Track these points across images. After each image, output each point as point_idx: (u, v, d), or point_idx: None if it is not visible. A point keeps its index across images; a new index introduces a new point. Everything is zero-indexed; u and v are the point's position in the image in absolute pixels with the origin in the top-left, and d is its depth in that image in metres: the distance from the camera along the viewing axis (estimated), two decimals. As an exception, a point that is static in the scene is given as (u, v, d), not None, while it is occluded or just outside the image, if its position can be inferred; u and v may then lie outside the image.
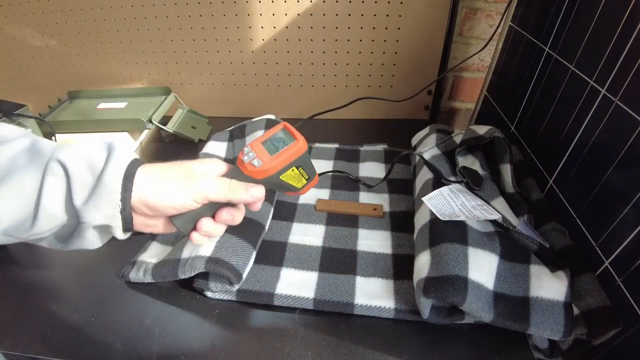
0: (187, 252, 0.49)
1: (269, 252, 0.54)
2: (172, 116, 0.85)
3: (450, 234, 0.46)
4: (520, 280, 0.43)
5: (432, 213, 0.49)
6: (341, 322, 0.46)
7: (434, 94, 0.88)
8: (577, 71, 0.48)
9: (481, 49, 0.75)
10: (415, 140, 0.74)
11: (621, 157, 0.39)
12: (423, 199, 0.52)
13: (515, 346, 0.43)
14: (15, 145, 0.31)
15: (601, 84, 0.43)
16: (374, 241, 0.56)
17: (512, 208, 0.52)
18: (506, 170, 0.56)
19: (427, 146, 0.65)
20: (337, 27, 0.81)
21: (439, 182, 0.55)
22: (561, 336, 0.39)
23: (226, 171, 0.39)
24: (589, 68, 0.45)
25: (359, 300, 0.47)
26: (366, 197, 0.64)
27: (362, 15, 0.79)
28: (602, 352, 0.40)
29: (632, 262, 0.37)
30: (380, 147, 0.78)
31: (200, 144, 0.83)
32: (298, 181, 0.41)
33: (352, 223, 0.59)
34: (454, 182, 0.55)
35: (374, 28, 0.80)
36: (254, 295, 0.48)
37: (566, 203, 0.48)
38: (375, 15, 0.78)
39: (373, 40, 0.82)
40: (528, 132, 0.60)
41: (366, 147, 0.78)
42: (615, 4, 0.42)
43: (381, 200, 0.63)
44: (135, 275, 0.50)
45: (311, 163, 0.41)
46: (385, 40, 0.82)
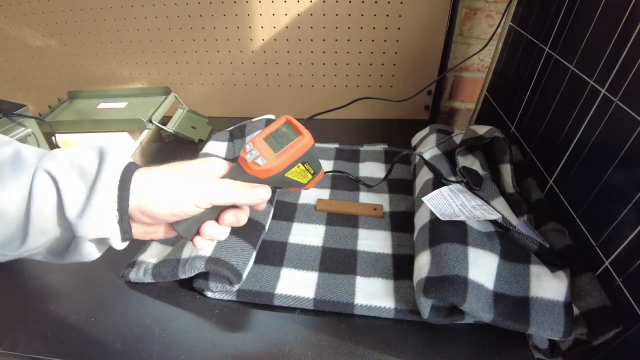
0: (187, 252, 0.49)
1: (269, 252, 0.54)
2: (172, 116, 0.85)
3: (450, 234, 0.46)
4: (520, 280, 0.43)
5: (432, 213, 0.49)
6: (341, 322, 0.46)
7: (434, 94, 0.88)
8: (577, 71, 0.48)
9: (481, 49, 0.75)
10: (415, 140, 0.74)
11: (621, 157, 0.39)
12: (423, 199, 0.52)
13: (515, 346, 0.43)
14: None
15: (601, 84, 0.43)
16: (374, 241, 0.56)
17: (512, 208, 0.52)
18: (506, 170, 0.56)
19: (427, 146, 0.65)
20: (337, 27, 0.81)
21: (439, 182, 0.55)
22: (561, 336, 0.39)
23: (228, 170, 0.37)
24: (589, 68, 0.45)
25: (359, 300, 0.47)
26: (366, 197, 0.64)
27: (362, 15, 0.79)
28: (602, 352, 0.40)
29: (632, 262, 0.37)
30: (380, 147, 0.78)
31: (200, 144, 0.83)
32: (303, 177, 0.39)
33: (352, 223, 0.59)
34: (454, 182, 0.55)
35: (374, 28, 0.80)
36: (254, 295, 0.48)
37: (566, 203, 0.48)
38: (375, 15, 0.78)
39: (373, 40, 0.82)
40: (528, 132, 0.60)
41: (366, 147, 0.78)
42: (615, 4, 0.42)
43: (381, 200, 0.63)
44: (135, 275, 0.50)
45: (317, 158, 0.38)
46: (385, 40, 0.82)
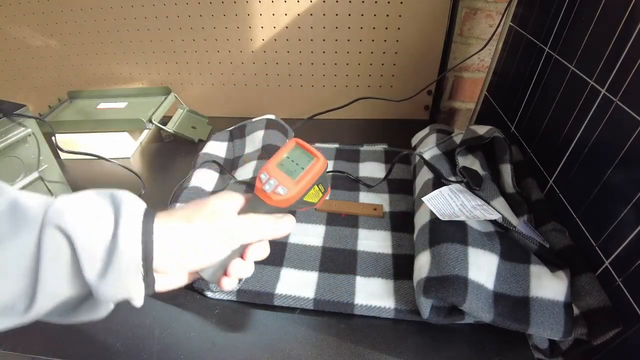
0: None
1: (269, 252, 0.54)
2: (172, 116, 0.85)
3: (450, 234, 0.46)
4: (521, 280, 0.43)
5: (432, 213, 0.49)
6: (341, 322, 0.46)
7: (434, 94, 0.88)
8: (577, 71, 0.48)
9: (481, 49, 0.75)
10: (415, 140, 0.74)
11: (621, 157, 0.39)
12: (423, 199, 0.52)
13: (515, 346, 0.43)
14: None
15: (601, 84, 0.43)
16: (374, 241, 0.56)
17: (512, 208, 0.52)
18: (506, 170, 0.56)
19: (427, 146, 0.65)
20: (337, 27, 0.81)
21: (439, 182, 0.55)
22: (561, 336, 0.40)
23: (245, 203, 0.36)
24: (589, 68, 0.45)
25: (359, 300, 0.47)
26: (366, 197, 0.64)
27: (362, 15, 0.79)
28: (602, 352, 0.40)
29: (632, 262, 0.37)
30: (380, 147, 0.78)
31: (200, 144, 0.83)
32: (316, 197, 0.38)
33: (352, 223, 0.59)
34: (454, 182, 0.55)
35: (374, 28, 0.80)
36: (254, 295, 0.48)
37: (566, 203, 0.48)
38: (375, 15, 0.78)
39: (373, 40, 0.82)
40: (528, 132, 0.60)
41: (366, 147, 0.78)
42: (615, 4, 0.42)
43: (381, 200, 0.63)
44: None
45: (327, 176, 0.38)
46: (385, 40, 0.82)
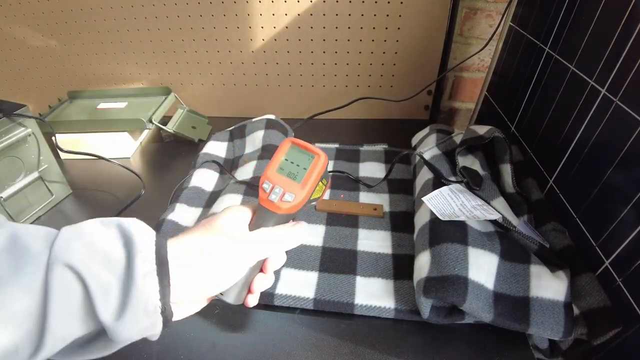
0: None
1: (269, 252, 0.54)
2: (172, 116, 0.85)
3: (450, 234, 0.46)
4: (521, 280, 0.43)
5: (432, 213, 0.49)
6: (341, 322, 0.46)
7: (434, 94, 0.88)
8: (577, 71, 0.48)
9: (481, 49, 0.75)
10: (415, 140, 0.74)
11: (621, 157, 0.39)
12: (423, 199, 0.52)
13: (515, 346, 0.43)
14: None
15: (601, 84, 0.43)
16: (374, 241, 0.56)
17: (512, 208, 0.52)
18: (506, 170, 0.56)
19: (427, 146, 0.65)
20: (337, 27, 0.81)
21: (439, 182, 0.55)
22: (561, 336, 0.40)
23: (252, 215, 0.35)
24: (589, 68, 0.45)
25: (359, 300, 0.47)
26: (366, 197, 0.64)
27: (362, 15, 0.79)
28: (602, 352, 0.40)
29: (632, 262, 0.37)
30: (380, 147, 0.78)
31: (200, 144, 0.83)
32: (320, 191, 0.37)
33: (352, 223, 0.59)
34: (454, 182, 0.55)
35: (374, 28, 0.80)
36: (254, 295, 0.48)
37: (566, 203, 0.48)
38: (375, 15, 0.78)
39: (373, 40, 0.82)
40: (528, 132, 0.60)
41: (366, 147, 0.78)
42: (615, 4, 0.42)
43: (381, 200, 0.63)
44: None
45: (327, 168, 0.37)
46: (385, 40, 0.82)
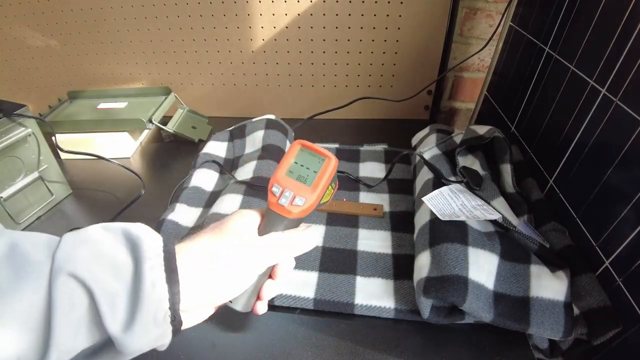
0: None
1: (269, 252, 0.54)
2: (172, 116, 0.85)
3: (450, 234, 0.46)
4: (521, 280, 0.43)
5: (432, 213, 0.49)
6: (341, 322, 0.46)
7: (434, 94, 0.88)
8: (577, 71, 0.48)
9: (481, 49, 0.75)
10: (415, 140, 0.74)
11: (621, 157, 0.39)
12: (423, 199, 0.52)
13: (515, 346, 0.43)
14: None
15: (601, 84, 0.43)
16: (374, 241, 0.56)
17: (512, 208, 0.52)
18: (506, 170, 0.56)
19: (427, 146, 0.65)
20: (337, 27, 0.81)
21: (439, 182, 0.55)
22: (561, 336, 0.40)
23: (261, 219, 0.34)
24: (589, 68, 0.45)
25: (359, 300, 0.47)
26: (366, 197, 0.64)
27: (362, 15, 0.79)
28: (602, 352, 0.40)
29: (632, 262, 0.37)
30: (380, 147, 0.78)
31: (200, 144, 0.83)
32: (328, 194, 0.36)
33: (352, 223, 0.59)
34: (454, 182, 0.55)
35: (374, 28, 0.80)
36: (254, 295, 0.48)
37: (566, 203, 0.48)
38: (375, 15, 0.78)
39: (373, 40, 0.82)
40: (528, 132, 0.60)
41: (366, 147, 0.78)
42: (615, 4, 0.42)
43: (381, 200, 0.63)
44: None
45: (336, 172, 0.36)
46: (386, 40, 0.82)
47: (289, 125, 0.79)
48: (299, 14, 0.80)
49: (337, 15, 0.79)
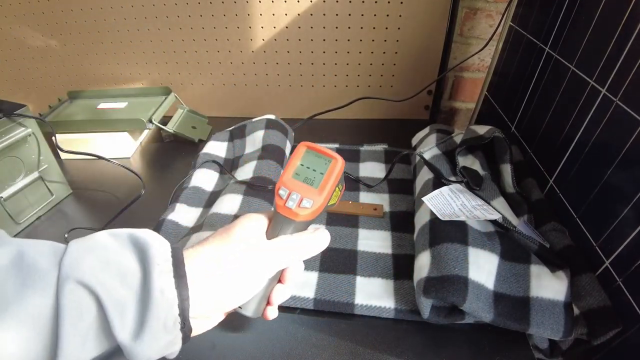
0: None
1: (269, 252, 0.54)
2: (172, 116, 0.85)
3: (450, 234, 0.46)
4: (521, 280, 0.43)
5: (432, 213, 0.49)
6: (341, 322, 0.46)
7: (434, 94, 0.88)
8: (577, 71, 0.48)
9: (481, 49, 0.75)
10: (415, 140, 0.74)
11: (621, 157, 0.39)
12: (423, 199, 0.52)
13: (515, 346, 0.43)
14: None
15: (601, 84, 0.43)
16: (374, 241, 0.56)
17: (512, 208, 0.52)
18: (506, 170, 0.56)
19: (427, 146, 0.65)
20: (337, 27, 0.81)
21: (439, 182, 0.55)
22: (561, 336, 0.39)
23: (268, 223, 0.34)
24: (589, 68, 0.45)
25: (359, 300, 0.47)
26: (366, 197, 0.64)
27: (362, 15, 0.79)
28: (602, 352, 0.40)
29: (633, 262, 0.37)
30: (380, 147, 0.78)
31: (200, 144, 0.83)
32: (336, 196, 0.36)
33: (352, 223, 0.59)
34: (454, 182, 0.55)
35: (374, 28, 0.80)
36: (254, 295, 0.48)
37: (566, 203, 0.48)
38: (375, 15, 0.78)
39: (373, 40, 0.82)
40: (528, 132, 0.60)
41: (366, 147, 0.78)
42: (615, 4, 0.42)
43: (381, 200, 0.63)
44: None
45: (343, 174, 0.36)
46: (386, 40, 0.82)
47: (289, 125, 0.79)
48: (299, 14, 0.80)
49: (337, 15, 0.79)
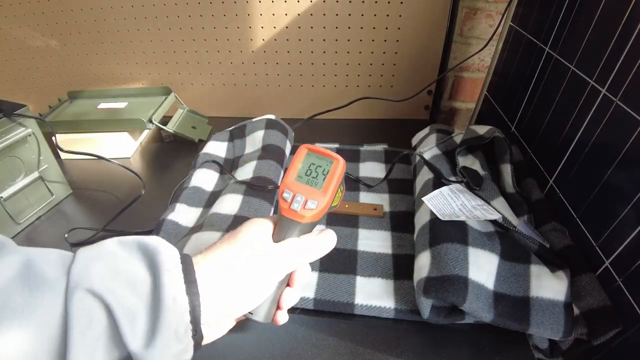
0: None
1: (269, 252, 0.54)
2: (172, 116, 0.85)
3: (450, 234, 0.46)
4: (521, 280, 0.43)
5: (432, 213, 0.49)
6: (341, 322, 0.46)
7: (434, 94, 0.88)
8: (577, 71, 0.48)
9: (481, 49, 0.75)
10: (415, 140, 0.74)
11: (621, 157, 0.39)
12: (423, 199, 0.52)
13: (515, 346, 0.43)
14: None
15: (601, 84, 0.43)
16: (374, 241, 0.56)
17: (512, 208, 0.52)
18: (506, 170, 0.56)
19: (427, 146, 0.65)
20: (337, 27, 0.81)
21: (439, 182, 0.55)
22: (561, 336, 0.40)
23: (274, 226, 0.34)
24: (589, 68, 0.45)
25: (359, 300, 0.47)
26: (366, 197, 0.64)
27: (362, 15, 0.79)
28: (602, 352, 0.40)
29: (633, 262, 0.37)
30: (380, 147, 0.78)
31: (200, 144, 0.83)
32: (338, 197, 0.36)
33: (352, 223, 0.59)
34: (454, 182, 0.55)
35: (374, 28, 0.80)
36: (254, 295, 0.48)
37: (566, 203, 0.48)
38: (375, 15, 0.78)
39: (373, 40, 0.82)
40: (528, 132, 0.60)
41: (366, 147, 0.78)
42: (615, 4, 0.42)
43: (381, 200, 0.63)
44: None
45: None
46: (386, 40, 0.82)
47: (289, 125, 0.79)
48: (299, 14, 0.80)
49: (337, 15, 0.79)
